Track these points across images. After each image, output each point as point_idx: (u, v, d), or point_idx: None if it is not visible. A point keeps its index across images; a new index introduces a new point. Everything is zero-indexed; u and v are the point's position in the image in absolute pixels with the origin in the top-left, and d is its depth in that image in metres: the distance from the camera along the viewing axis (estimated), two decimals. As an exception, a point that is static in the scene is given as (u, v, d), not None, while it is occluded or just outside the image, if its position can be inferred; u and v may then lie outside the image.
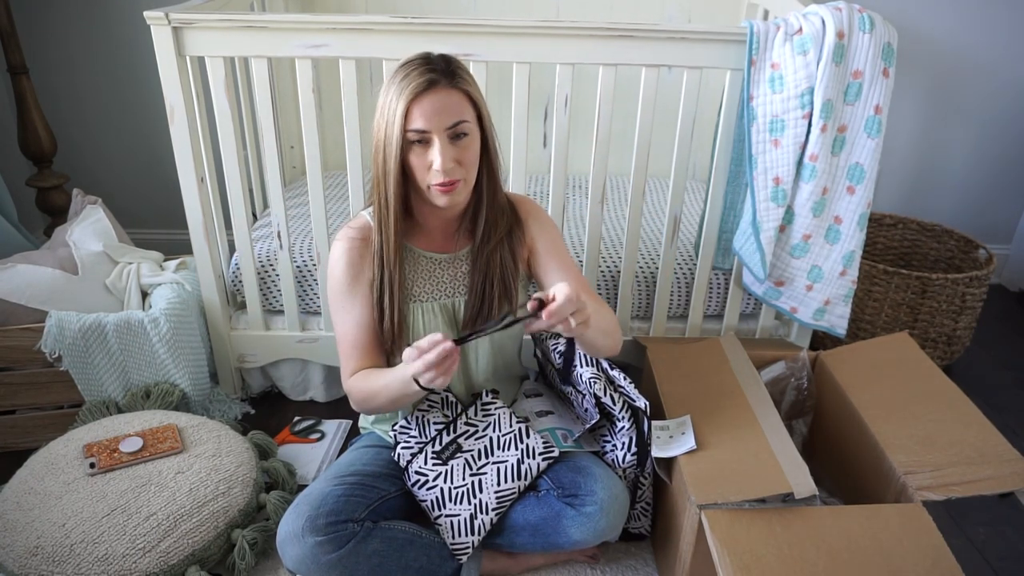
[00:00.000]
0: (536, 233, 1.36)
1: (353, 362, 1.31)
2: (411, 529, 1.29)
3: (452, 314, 1.35)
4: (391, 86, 1.18)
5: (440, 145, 1.16)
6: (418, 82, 1.14)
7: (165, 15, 1.45)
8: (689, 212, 2.10)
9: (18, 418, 1.65)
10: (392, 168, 1.18)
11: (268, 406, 1.86)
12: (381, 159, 1.20)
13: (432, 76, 1.15)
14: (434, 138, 1.16)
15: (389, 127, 1.17)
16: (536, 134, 2.34)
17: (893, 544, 1.10)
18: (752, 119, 1.51)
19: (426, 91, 1.14)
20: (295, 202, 2.06)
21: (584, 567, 1.41)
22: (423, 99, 1.15)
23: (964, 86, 2.33)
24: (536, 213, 1.38)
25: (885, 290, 1.97)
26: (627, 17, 2.23)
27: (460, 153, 1.19)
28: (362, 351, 1.31)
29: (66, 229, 1.79)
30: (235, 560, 1.34)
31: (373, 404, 1.27)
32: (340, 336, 1.32)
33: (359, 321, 1.30)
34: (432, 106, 1.15)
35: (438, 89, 1.15)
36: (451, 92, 1.16)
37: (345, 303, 1.30)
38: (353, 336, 1.30)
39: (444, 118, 1.16)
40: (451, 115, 1.16)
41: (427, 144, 1.17)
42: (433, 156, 1.16)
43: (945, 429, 1.32)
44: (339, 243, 1.31)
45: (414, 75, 1.15)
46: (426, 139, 1.17)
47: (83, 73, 2.25)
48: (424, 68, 1.16)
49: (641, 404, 1.31)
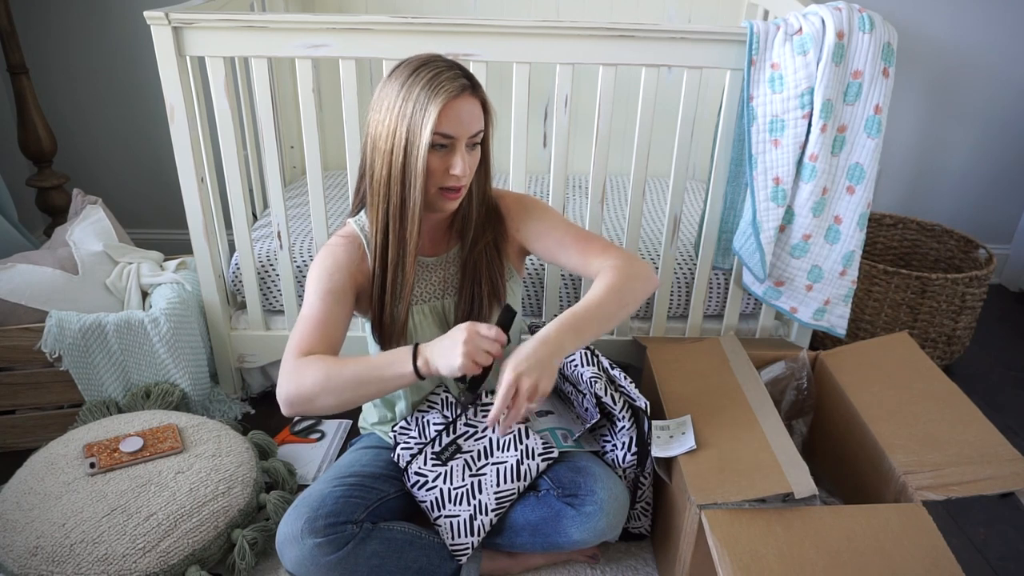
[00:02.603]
0: (520, 224, 1.35)
1: (310, 342, 1.16)
2: (411, 530, 1.28)
3: (442, 315, 1.35)
4: (414, 86, 1.14)
5: (462, 152, 1.17)
6: (453, 86, 1.13)
7: (165, 15, 1.45)
8: (689, 212, 2.10)
9: (18, 418, 1.65)
10: (419, 168, 1.14)
11: (268, 406, 1.86)
12: (400, 159, 1.15)
13: (464, 83, 1.15)
14: (459, 144, 1.17)
15: (415, 128, 1.13)
16: (536, 134, 2.34)
17: (893, 544, 1.10)
18: (752, 119, 1.51)
19: (459, 97, 1.14)
20: (295, 202, 2.06)
21: (584, 567, 1.41)
22: (456, 104, 1.14)
23: (964, 86, 2.33)
24: (515, 207, 1.37)
25: (885, 290, 1.97)
26: (627, 17, 2.23)
27: (472, 161, 1.21)
28: (322, 335, 1.17)
29: (66, 229, 1.79)
30: (235, 560, 1.34)
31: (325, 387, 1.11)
32: (302, 317, 1.20)
33: (329, 309, 1.20)
34: (464, 113, 1.15)
35: (468, 96, 1.16)
36: (476, 101, 1.18)
37: (318, 289, 1.22)
38: (317, 317, 1.19)
39: (470, 126, 1.17)
40: (476, 124, 1.18)
41: (448, 149, 1.17)
42: (455, 162, 1.17)
43: (945, 429, 1.32)
44: (326, 248, 1.28)
45: (447, 79, 1.14)
46: (449, 144, 1.17)
47: (83, 73, 2.25)
48: (455, 73, 1.16)
49: (641, 404, 1.31)
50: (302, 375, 1.12)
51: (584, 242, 1.32)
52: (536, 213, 1.36)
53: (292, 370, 1.13)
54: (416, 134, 1.13)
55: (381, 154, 1.17)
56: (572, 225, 1.36)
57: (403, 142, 1.14)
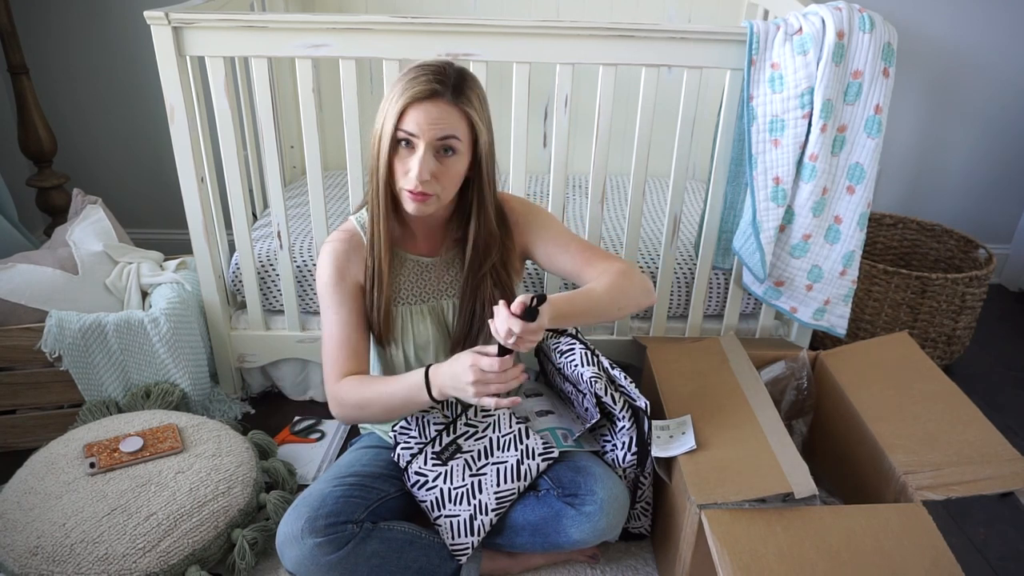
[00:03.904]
0: (527, 235, 1.37)
1: (340, 364, 1.28)
2: (411, 530, 1.28)
3: (440, 316, 1.36)
4: (397, 84, 1.19)
5: (422, 154, 1.17)
6: (421, 88, 1.16)
7: (165, 15, 1.45)
8: (689, 212, 2.10)
9: (18, 418, 1.65)
10: (383, 161, 1.20)
11: (268, 406, 1.86)
12: (375, 152, 1.22)
13: (437, 87, 1.16)
14: (420, 145, 1.17)
15: (384, 123, 1.19)
16: (536, 134, 2.34)
17: (893, 544, 1.10)
18: (752, 119, 1.51)
19: (426, 99, 1.16)
20: (295, 202, 2.06)
21: (584, 567, 1.41)
22: (421, 105, 1.16)
23: (964, 86, 2.33)
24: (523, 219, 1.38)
25: (885, 290, 1.97)
26: (627, 17, 2.23)
27: (441, 169, 1.20)
28: (349, 352, 1.29)
29: (66, 229, 1.79)
30: (235, 560, 1.34)
31: (366, 413, 1.27)
32: (326, 336, 1.30)
33: (346, 320, 1.29)
34: (427, 115, 1.16)
35: (438, 100, 1.16)
36: (451, 108, 1.17)
37: (332, 302, 1.30)
38: (340, 335, 1.29)
39: (435, 129, 1.17)
40: (441, 129, 1.17)
41: (412, 149, 1.19)
42: (412, 163, 1.18)
43: (945, 429, 1.32)
44: (327, 246, 1.32)
45: (421, 80, 1.16)
46: (413, 144, 1.18)
47: (83, 73, 2.25)
48: (432, 77, 1.17)
49: (642, 404, 1.31)
50: (342, 404, 1.27)
51: (588, 252, 1.37)
52: (542, 223, 1.38)
53: (332, 398, 1.28)
54: (385, 128, 1.18)
55: (370, 148, 1.24)
56: (576, 236, 1.40)
57: (378, 136, 1.20)
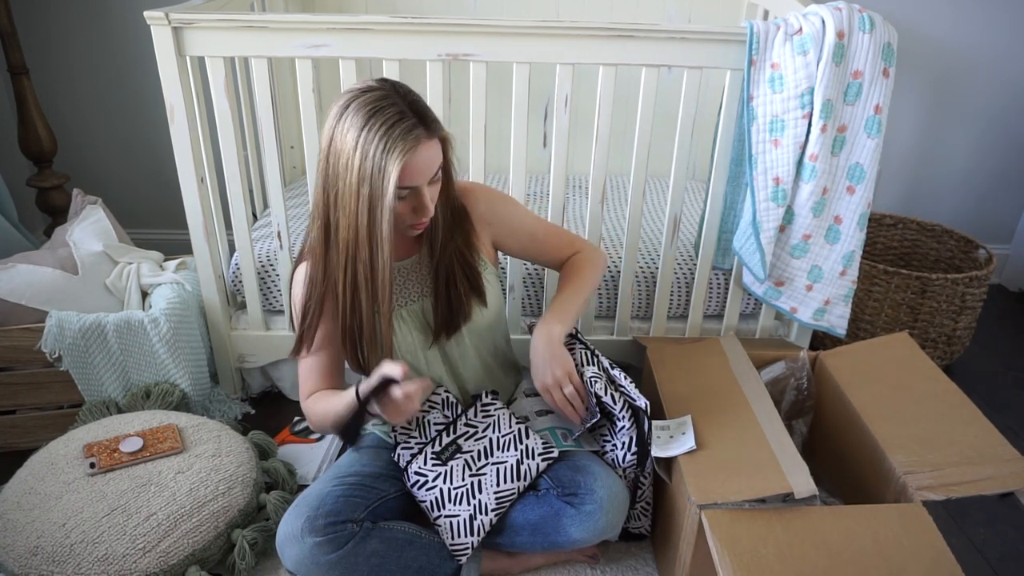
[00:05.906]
0: (489, 218, 1.38)
1: (310, 383, 1.33)
2: (410, 529, 1.29)
3: (422, 317, 1.35)
4: (369, 144, 1.10)
5: (428, 193, 1.18)
6: (408, 140, 1.10)
7: (165, 15, 1.45)
8: (689, 212, 2.10)
9: (18, 418, 1.65)
10: (385, 231, 1.13)
11: (268, 406, 1.86)
12: (365, 220, 1.13)
13: (418, 132, 1.12)
14: (423, 189, 1.17)
15: (377, 186, 1.11)
16: (536, 134, 2.34)
17: (893, 544, 1.10)
18: (752, 119, 1.51)
19: (416, 148, 1.12)
20: (295, 202, 2.06)
21: (584, 567, 1.41)
22: (414, 158, 1.12)
23: (964, 86, 2.33)
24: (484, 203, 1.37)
25: (885, 290, 1.97)
26: (627, 17, 2.23)
27: (435, 192, 1.22)
28: (319, 373, 1.32)
29: (66, 229, 1.79)
30: (235, 560, 1.34)
31: (327, 427, 1.28)
32: (302, 360, 1.33)
33: (316, 350, 1.31)
34: (423, 164, 1.14)
35: (424, 142, 1.13)
36: (430, 142, 1.15)
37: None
38: (312, 361, 1.32)
39: (430, 170, 1.17)
40: (435, 164, 1.18)
41: (413, 193, 1.18)
42: (422, 204, 1.18)
43: (945, 429, 1.32)
44: (301, 269, 1.30)
45: (399, 131, 1.10)
46: (414, 191, 1.18)
47: (83, 73, 2.25)
48: (408, 124, 1.11)
49: (642, 404, 1.31)
50: (310, 419, 1.33)
51: (553, 236, 1.46)
52: (502, 205, 1.41)
53: (304, 412, 1.35)
54: (381, 192, 1.11)
55: (346, 213, 1.15)
56: (538, 218, 1.46)
57: (367, 198, 1.12)
